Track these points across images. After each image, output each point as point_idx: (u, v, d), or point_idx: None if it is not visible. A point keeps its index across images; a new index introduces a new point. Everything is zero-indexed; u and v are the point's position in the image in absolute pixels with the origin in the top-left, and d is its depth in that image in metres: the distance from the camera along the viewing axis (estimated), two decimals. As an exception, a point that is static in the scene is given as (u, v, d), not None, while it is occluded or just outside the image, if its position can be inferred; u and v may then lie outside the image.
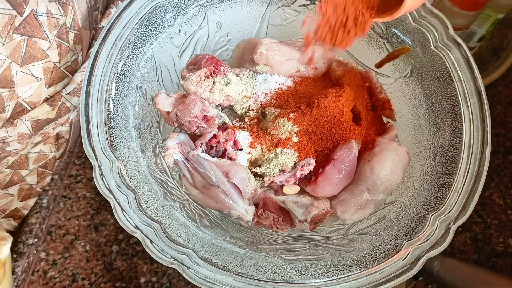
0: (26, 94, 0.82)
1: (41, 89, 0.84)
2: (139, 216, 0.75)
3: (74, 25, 0.85)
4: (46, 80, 0.84)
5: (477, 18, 1.05)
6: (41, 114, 0.87)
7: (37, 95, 0.84)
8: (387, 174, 0.81)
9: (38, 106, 0.87)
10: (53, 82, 0.86)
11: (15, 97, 0.81)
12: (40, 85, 0.84)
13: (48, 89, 0.86)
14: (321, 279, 0.75)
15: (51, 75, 0.85)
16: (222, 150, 0.83)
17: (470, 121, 0.81)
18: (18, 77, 0.80)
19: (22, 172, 0.97)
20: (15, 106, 0.82)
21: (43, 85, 0.84)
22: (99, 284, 1.02)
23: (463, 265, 0.94)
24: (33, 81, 0.82)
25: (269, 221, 0.85)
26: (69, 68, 0.90)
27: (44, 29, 0.80)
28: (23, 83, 0.81)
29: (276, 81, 0.89)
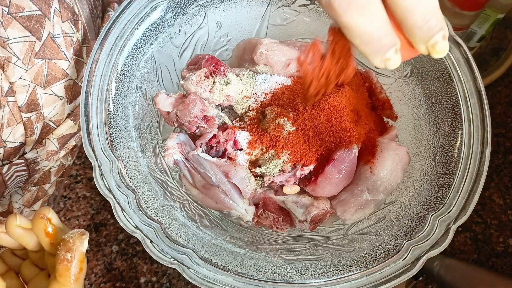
0: (51, 114, 0.84)
1: (64, 106, 0.86)
2: (139, 216, 0.75)
3: (85, 39, 0.86)
4: (68, 97, 0.86)
5: (477, 18, 1.05)
6: (65, 130, 0.89)
7: (61, 113, 0.86)
8: (387, 174, 0.81)
9: (63, 123, 0.88)
10: (74, 98, 0.88)
11: (42, 119, 0.83)
12: (63, 103, 0.85)
13: (69, 105, 0.88)
14: (321, 279, 0.75)
15: (72, 91, 0.86)
16: (222, 150, 0.83)
17: (470, 121, 0.81)
18: (42, 99, 0.81)
19: (45, 186, 0.98)
20: (43, 127, 0.84)
21: (66, 102, 0.86)
22: (99, 284, 1.02)
23: (463, 265, 0.95)
24: (56, 101, 0.84)
25: (269, 221, 0.85)
26: None
27: (62, 49, 0.81)
28: (48, 104, 0.82)
29: (276, 81, 0.89)
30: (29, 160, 0.85)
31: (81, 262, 0.59)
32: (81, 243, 0.59)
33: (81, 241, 0.59)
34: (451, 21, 0.83)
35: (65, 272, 0.58)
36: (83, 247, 0.59)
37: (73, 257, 0.58)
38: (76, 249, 0.58)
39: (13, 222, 0.61)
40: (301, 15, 0.97)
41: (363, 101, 0.91)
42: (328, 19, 0.95)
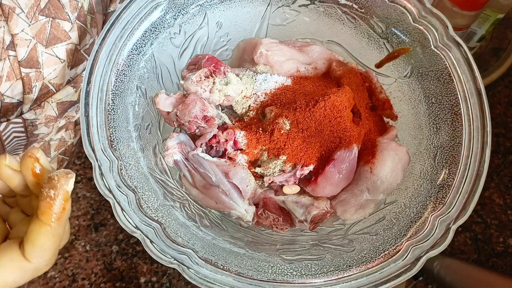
0: (51, 75, 0.84)
1: (64, 70, 0.86)
2: (139, 216, 0.75)
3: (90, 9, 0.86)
4: (69, 62, 0.85)
5: (477, 18, 1.05)
6: (65, 96, 0.89)
7: (61, 76, 0.86)
8: (387, 174, 0.81)
9: (62, 89, 0.88)
10: (75, 64, 0.88)
11: (41, 78, 0.82)
12: (64, 67, 0.85)
13: (70, 71, 0.87)
14: (321, 279, 0.75)
15: (73, 57, 0.86)
16: (222, 150, 0.83)
17: (470, 121, 0.81)
18: (43, 58, 0.81)
19: None
20: (41, 88, 0.84)
21: (66, 66, 0.86)
22: (99, 284, 1.02)
23: (463, 265, 0.95)
24: (57, 63, 0.84)
25: (269, 221, 0.85)
26: (87, 51, 0.91)
27: (66, 10, 0.81)
28: (48, 64, 0.82)
29: (276, 81, 0.89)
30: (27, 121, 0.85)
31: (65, 201, 0.59)
32: (66, 181, 0.58)
33: (66, 180, 0.58)
34: (451, 21, 0.83)
35: (47, 210, 0.58)
36: (68, 186, 0.58)
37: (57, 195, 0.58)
38: (60, 187, 0.58)
39: (2, 162, 0.61)
40: (301, 15, 0.97)
41: (363, 101, 0.91)
42: (328, 19, 0.96)
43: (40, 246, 0.60)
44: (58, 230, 0.60)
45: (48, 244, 0.60)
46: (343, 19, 0.95)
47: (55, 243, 0.61)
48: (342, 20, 0.95)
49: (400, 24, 0.88)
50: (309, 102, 0.83)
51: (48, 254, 0.62)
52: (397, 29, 0.89)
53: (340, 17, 0.95)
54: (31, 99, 0.83)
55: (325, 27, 0.98)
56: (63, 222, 0.60)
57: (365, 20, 0.93)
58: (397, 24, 0.89)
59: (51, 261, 0.64)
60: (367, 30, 0.94)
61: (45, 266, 0.64)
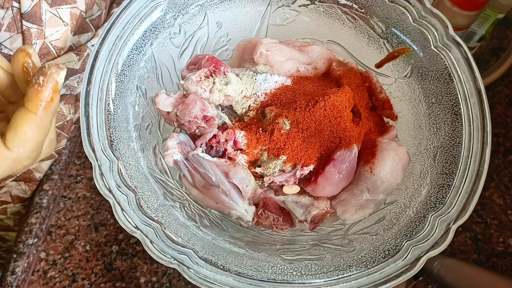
0: (53, 36, 0.83)
1: (67, 34, 0.85)
2: (139, 216, 0.75)
3: None
4: (72, 27, 0.84)
5: (477, 18, 1.05)
6: (67, 61, 0.88)
7: (63, 40, 0.85)
8: (387, 174, 0.81)
9: (65, 54, 0.87)
10: (78, 31, 0.87)
11: (42, 37, 0.81)
12: (67, 31, 0.84)
13: (73, 37, 0.86)
14: (321, 279, 0.75)
15: (77, 22, 0.85)
16: (222, 150, 0.83)
17: (470, 121, 0.81)
18: (47, 16, 0.80)
19: None
20: (42, 47, 0.83)
21: (69, 31, 0.85)
22: (99, 284, 1.02)
23: (463, 265, 0.95)
24: (60, 25, 0.83)
25: (269, 221, 0.85)
26: (93, 22, 0.90)
27: None
28: (51, 25, 0.81)
29: (276, 81, 0.89)
30: None
31: (54, 91, 0.57)
32: (57, 71, 0.56)
33: (57, 70, 0.57)
34: (451, 21, 0.83)
35: (33, 97, 0.56)
36: (59, 76, 0.56)
37: (46, 82, 0.56)
38: (50, 75, 0.56)
39: None
40: (301, 15, 0.97)
41: (363, 101, 0.91)
42: (328, 19, 0.96)
43: (22, 133, 0.58)
44: (43, 121, 0.58)
45: (31, 133, 0.58)
46: (343, 19, 0.95)
47: (39, 135, 0.60)
48: (342, 20, 0.95)
49: (400, 24, 0.88)
50: (309, 102, 0.83)
51: (29, 145, 0.59)
52: (397, 29, 0.90)
53: (340, 17, 0.95)
54: None
55: (325, 27, 0.98)
56: (50, 113, 0.59)
57: (365, 20, 0.93)
58: (397, 24, 0.89)
59: (33, 155, 0.62)
60: (367, 30, 0.94)
61: (26, 159, 0.61)
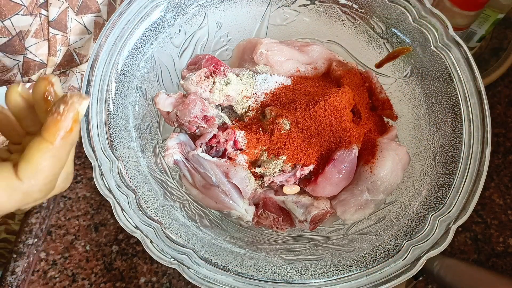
0: (77, 44, 0.83)
1: (90, 42, 0.85)
2: (139, 216, 0.75)
3: None
4: (95, 35, 0.85)
5: (477, 18, 1.05)
6: None
7: (86, 48, 0.85)
8: (387, 174, 0.81)
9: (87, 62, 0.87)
10: None
11: (66, 44, 0.82)
12: (90, 39, 0.85)
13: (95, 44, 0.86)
14: (321, 279, 0.75)
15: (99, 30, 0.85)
16: (222, 150, 0.83)
17: (470, 121, 0.81)
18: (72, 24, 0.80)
19: None
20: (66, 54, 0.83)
21: (92, 39, 0.85)
22: (99, 284, 1.02)
23: (463, 265, 0.95)
24: (84, 33, 0.83)
25: (269, 221, 0.85)
26: None
27: None
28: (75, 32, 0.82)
29: (276, 81, 0.89)
30: None
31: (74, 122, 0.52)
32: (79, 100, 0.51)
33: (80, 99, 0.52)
34: (451, 21, 0.83)
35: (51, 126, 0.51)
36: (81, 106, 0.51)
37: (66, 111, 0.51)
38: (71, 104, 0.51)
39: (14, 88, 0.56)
40: (301, 15, 0.97)
41: (363, 101, 0.91)
42: (328, 19, 0.96)
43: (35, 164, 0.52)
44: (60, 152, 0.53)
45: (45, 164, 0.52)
46: (343, 19, 0.95)
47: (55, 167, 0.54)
48: (342, 20, 0.95)
49: (400, 24, 0.88)
50: (309, 102, 0.83)
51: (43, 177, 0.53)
52: (397, 29, 0.89)
53: (340, 17, 0.95)
54: (55, 62, 0.82)
55: (325, 27, 0.98)
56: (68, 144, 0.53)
57: (365, 20, 0.93)
58: (397, 24, 0.89)
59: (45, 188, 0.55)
60: (367, 30, 0.94)
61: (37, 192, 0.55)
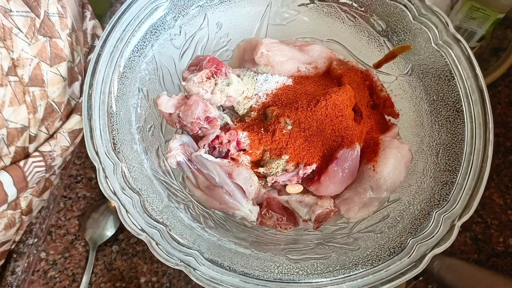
0: (55, 94, 0.84)
1: (65, 89, 0.87)
2: (144, 218, 0.75)
3: (73, 28, 0.86)
4: (68, 80, 0.86)
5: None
6: (74, 124, 0.91)
7: (62, 95, 0.87)
8: (390, 172, 0.81)
9: (70, 118, 0.90)
10: (71, 82, 0.89)
11: (45, 97, 0.83)
12: (65, 85, 0.86)
13: (69, 89, 0.88)
14: (327, 278, 0.75)
15: (70, 75, 0.87)
16: (225, 151, 0.83)
17: (472, 118, 0.81)
18: (48, 76, 0.81)
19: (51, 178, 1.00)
20: (46, 107, 0.84)
21: (67, 85, 0.86)
22: (99, 284, 1.02)
23: (463, 265, 0.95)
24: (60, 82, 0.84)
25: (273, 221, 0.85)
26: (78, 68, 0.92)
27: (57, 29, 0.81)
28: (53, 83, 0.83)
29: (277, 81, 0.89)
30: (45, 154, 0.86)
31: None
32: None
33: None
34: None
35: None
36: None
37: None
38: None
39: None
40: (301, 15, 0.97)
41: (364, 100, 0.91)
42: (328, 17, 0.96)
43: None
44: None
45: None
46: (343, 18, 0.95)
47: None
48: (342, 18, 0.95)
49: (400, 22, 0.89)
50: (311, 102, 0.83)
51: None
52: (397, 27, 0.90)
53: (340, 16, 0.95)
54: (38, 119, 0.83)
55: (325, 26, 0.98)
56: None
57: (365, 18, 0.93)
58: (397, 22, 0.89)
59: None
60: (367, 29, 0.94)
61: None
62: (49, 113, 0.85)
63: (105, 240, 1.04)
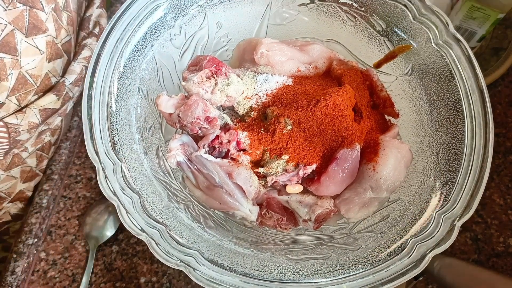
0: (30, 65, 0.82)
1: (43, 62, 0.85)
2: (144, 218, 0.75)
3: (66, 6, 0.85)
4: (47, 54, 0.84)
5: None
6: (48, 103, 0.88)
7: (39, 68, 0.85)
8: (390, 172, 0.81)
9: (45, 95, 0.88)
10: (52, 58, 0.87)
11: (18, 66, 0.81)
12: (43, 59, 0.84)
13: (48, 64, 0.86)
14: (327, 278, 0.75)
15: (51, 49, 0.85)
16: (225, 151, 0.83)
17: (472, 118, 0.81)
18: (22, 46, 0.80)
19: (22, 154, 0.98)
20: (18, 77, 0.82)
21: (45, 59, 0.85)
22: (99, 284, 1.02)
23: (463, 265, 0.95)
24: (36, 54, 0.83)
25: (273, 221, 0.85)
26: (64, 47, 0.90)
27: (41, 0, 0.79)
28: (27, 54, 0.81)
29: (277, 81, 0.89)
30: (10, 127, 0.83)
31: None
32: None
33: None
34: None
35: None
36: None
37: None
38: None
39: None
40: (301, 15, 0.97)
41: (364, 100, 0.91)
42: (328, 17, 0.96)
43: None
44: None
45: None
46: (343, 18, 0.95)
47: None
48: (342, 18, 0.95)
49: (400, 22, 0.89)
50: (311, 102, 0.82)
51: None
52: (398, 27, 0.90)
53: (340, 16, 0.95)
54: (7, 87, 0.81)
55: (325, 26, 0.98)
56: None
57: (365, 18, 0.93)
58: (397, 22, 0.89)
59: None
60: (367, 29, 0.94)
61: None
62: (21, 84, 0.83)
63: (105, 240, 1.04)
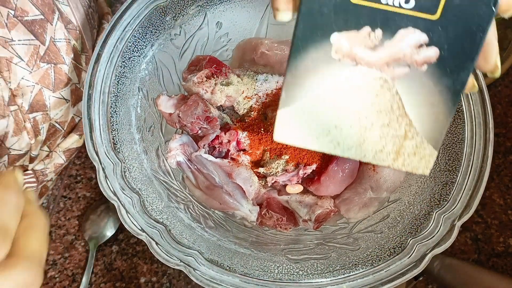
0: (58, 115, 0.85)
1: (69, 109, 0.87)
2: (144, 218, 0.75)
3: (83, 47, 0.86)
4: (72, 100, 0.86)
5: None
6: (71, 143, 0.91)
7: (66, 114, 0.87)
8: (390, 172, 0.81)
9: (68, 137, 0.90)
10: (77, 101, 0.88)
11: (48, 119, 0.83)
12: (69, 106, 0.86)
13: (73, 108, 0.88)
14: (327, 278, 0.75)
15: (75, 95, 0.87)
16: (225, 151, 0.83)
17: (472, 118, 0.81)
18: (51, 101, 0.81)
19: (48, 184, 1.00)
20: (49, 128, 0.84)
21: (70, 105, 0.86)
22: (99, 284, 1.02)
23: (463, 265, 0.95)
24: (63, 104, 0.84)
25: (273, 221, 0.85)
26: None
27: (62, 54, 0.81)
28: (55, 107, 0.83)
29: (277, 81, 0.89)
30: (37, 172, 0.86)
31: None
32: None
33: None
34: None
35: None
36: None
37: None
38: None
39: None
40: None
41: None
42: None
43: None
44: None
45: None
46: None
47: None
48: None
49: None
50: (311, 102, 0.82)
51: None
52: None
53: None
54: (40, 141, 0.84)
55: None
56: None
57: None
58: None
59: None
60: (367, 29, 0.94)
61: None
62: (51, 134, 0.86)
63: (105, 240, 1.04)
